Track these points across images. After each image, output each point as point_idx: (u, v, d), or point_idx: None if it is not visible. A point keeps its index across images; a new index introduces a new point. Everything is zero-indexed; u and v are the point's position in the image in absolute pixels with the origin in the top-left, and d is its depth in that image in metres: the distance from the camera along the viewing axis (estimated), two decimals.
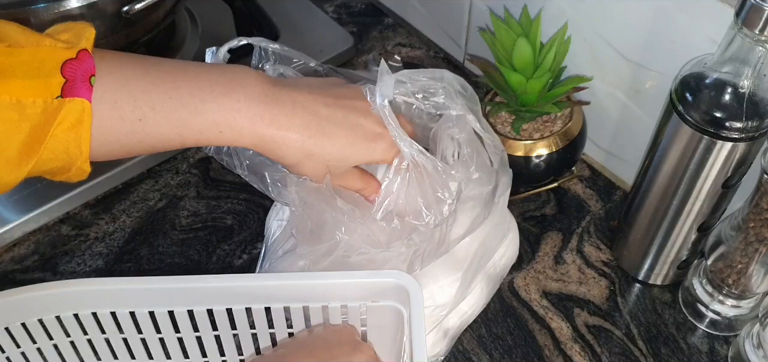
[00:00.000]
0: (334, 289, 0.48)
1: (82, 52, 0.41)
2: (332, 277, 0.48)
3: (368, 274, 0.48)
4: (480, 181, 0.53)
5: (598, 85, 0.71)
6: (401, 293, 0.47)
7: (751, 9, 0.48)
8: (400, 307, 0.48)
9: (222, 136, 0.46)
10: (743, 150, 0.53)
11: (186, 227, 0.72)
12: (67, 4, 0.67)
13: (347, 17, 0.96)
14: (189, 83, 0.45)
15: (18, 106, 0.39)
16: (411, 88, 0.51)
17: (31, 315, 0.48)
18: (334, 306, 0.49)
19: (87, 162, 0.43)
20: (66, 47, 0.41)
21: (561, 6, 0.70)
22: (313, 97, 0.48)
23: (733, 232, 0.58)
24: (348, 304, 0.49)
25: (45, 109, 0.40)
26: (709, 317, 0.63)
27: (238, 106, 0.45)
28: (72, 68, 0.40)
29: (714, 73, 0.53)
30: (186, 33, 0.90)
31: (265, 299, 0.49)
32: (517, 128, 0.69)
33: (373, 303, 0.49)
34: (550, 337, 0.63)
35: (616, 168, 0.75)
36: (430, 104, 0.51)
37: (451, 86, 0.52)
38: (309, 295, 0.49)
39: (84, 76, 0.41)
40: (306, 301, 0.49)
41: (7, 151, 0.40)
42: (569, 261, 0.69)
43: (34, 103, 0.39)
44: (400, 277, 0.47)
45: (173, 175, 0.77)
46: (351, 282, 0.48)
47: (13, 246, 0.71)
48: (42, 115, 0.40)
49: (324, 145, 0.48)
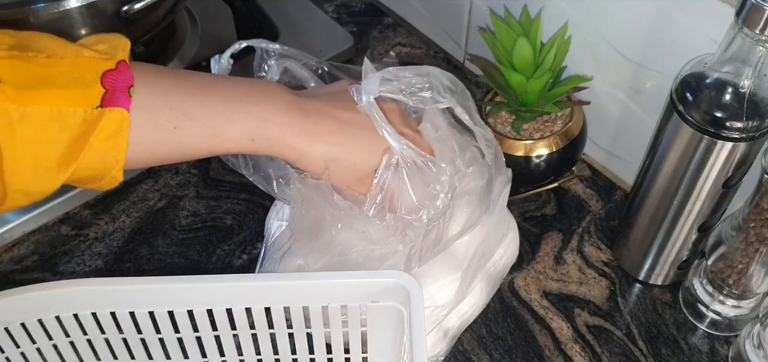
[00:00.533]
0: (334, 289, 0.48)
1: (121, 63, 0.42)
2: (332, 277, 0.48)
3: (368, 274, 0.48)
4: (474, 174, 0.53)
5: (598, 85, 0.71)
6: (401, 293, 0.47)
7: (752, 9, 0.48)
8: (400, 307, 0.48)
9: (253, 145, 0.47)
10: (744, 150, 0.53)
11: (186, 227, 0.72)
12: (67, 4, 0.67)
13: (347, 17, 0.96)
14: (221, 94, 0.46)
15: (58, 116, 0.39)
16: (398, 86, 0.51)
17: (31, 315, 0.48)
18: (334, 306, 0.49)
19: (121, 171, 0.43)
20: (105, 58, 0.41)
21: (561, 6, 0.70)
22: (333, 103, 0.50)
23: (734, 232, 0.58)
24: (348, 304, 0.49)
25: (85, 118, 0.40)
26: (709, 317, 0.63)
27: (269, 115, 0.47)
28: (112, 78, 0.41)
29: (714, 72, 0.53)
30: (186, 33, 0.90)
31: (265, 299, 0.49)
32: (518, 128, 0.69)
33: (373, 303, 0.49)
34: (550, 337, 0.63)
35: (617, 168, 0.75)
36: (418, 100, 0.52)
37: (439, 81, 0.52)
38: (309, 296, 0.49)
39: (123, 87, 0.42)
40: (306, 302, 0.49)
41: (47, 160, 0.40)
42: (569, 261, 0.69)
43: (74, 112, 0.40)
44: (400, 277, 0.47)
45: (173, 174, 0.77)
46: (351, 282, 0.48)
47: (13, 246, 0.71)
48: (82, 125, 0.40)
49: (348, 149, 0.49)
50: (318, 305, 0.49)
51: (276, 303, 0.49)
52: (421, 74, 0.52)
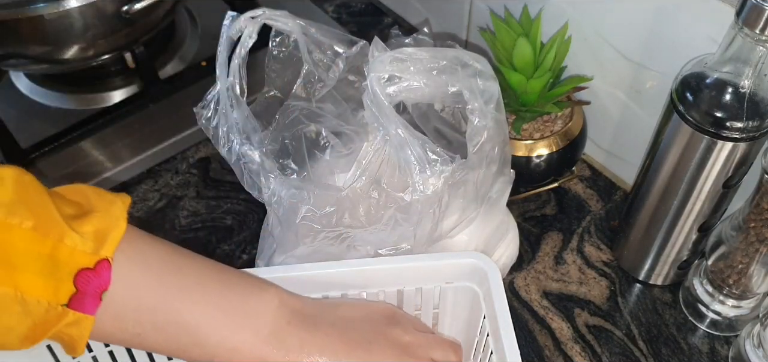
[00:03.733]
0: (409, 273, 0.49)
1: (101, 263, 0.39)
2: (409, 260, 0.50)
3: (445, 256, 0.50)
4: (469, 164, 0.52)
5: (598, 85, 0.71)
6: (478, 273, 0.48)
7: (752, 9, 0.48)
8: (476, 287, 0.49)
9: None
10: (744, 150, 0.53)
11: (186, 227, 0.72)
12: (67, 4, 0.67)
13: (347, 17, 0.96)
14: (197, 310, 0.43)
15: (22, 301, 0.38)
16: (409, 66, 0.49)
17: None
18: (410, 289, 0.50)
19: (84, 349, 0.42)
20: (87, 251, 0.39)
21: (561, 6, 0.70)
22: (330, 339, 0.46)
23: (734, 232, 0.58)
24: (423, 287, 0.50)
25: (48, 310, 0.39)
26: (709, 317, 0.63)
27: (242, 347, 0.44)
28: (85, 280, 0.39)
29: (714, 72, 0.53)
30: (186, 33, 0.90)
31: (344, 285, 0.50)
32: (518, 128, 0.69)
33: (447, 284, 0.50)
34: (550, 337, 0.63)
35: (617, 168, 0.75)
36: (431, 84, 0.50)
37: (458, 61, 0.50)
38: (384, 280, 0.50)
39: (95, 292, 0.40)
40: (382, 286, 0.50)
41: (15, 332, 0.39)
42: (569, 261, 0.69)
43: (38, 302, 0.38)
44: (478, 258, 0.48)
45: (173, 175, 0.77)
46: (428, 265, 0.49)
47: None
48: (45, 315, 0.39)
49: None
50: (393, 289, 0.50)
51: (352, 289, 0.50)
52: (439, 58, 0.50)
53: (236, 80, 0.53)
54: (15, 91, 0.83)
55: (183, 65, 0.86)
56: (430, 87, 0.50)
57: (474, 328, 0.50)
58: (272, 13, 0.53)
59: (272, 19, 0.53)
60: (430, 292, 0.50)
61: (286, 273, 0.48)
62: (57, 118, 0.79)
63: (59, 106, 0.82)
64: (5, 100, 0.82)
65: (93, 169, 0.75)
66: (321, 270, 0.49)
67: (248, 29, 0.53)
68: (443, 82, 0.50)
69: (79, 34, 0.71)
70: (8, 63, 0.78)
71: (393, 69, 0.49)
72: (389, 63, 0.49)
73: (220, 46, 0.53)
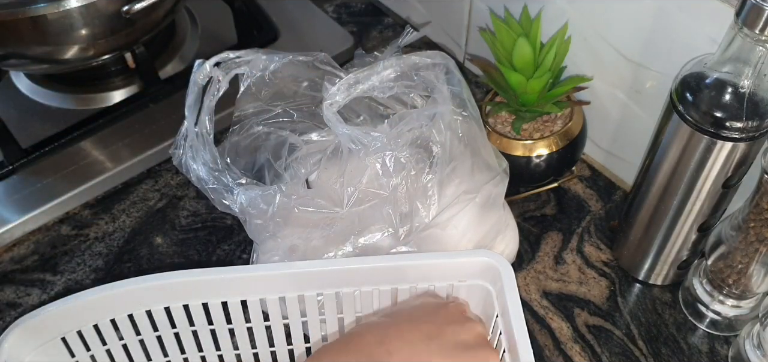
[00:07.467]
0: (423, 271, 0.50)
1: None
2: (422, 259, 0.50)
3: (459, 254, 0.51)
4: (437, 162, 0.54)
5: (598, 85, 0.71)
6: (491, 272, 0.49)
7: (752, 9, 0.48)
8: (488, 286, 0.49)
9: None
10: (743, 150, 0.53)
11: (186, 227, 0.72)
12: (67, 4, 0.67)
13: (347, 17, 0.96)
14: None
15: None
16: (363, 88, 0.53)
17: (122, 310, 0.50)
18: (423, 287, 0.50)
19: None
20: None
21: (561, 6, 0.70)
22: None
23: (734, 232, 0.58)
24: (436, 285, 0.50)
25: None
26: (709, 317, 0.63)
27: None
28: None
29: (714, 72, 0.53)
30: (186, 33, 0.90)
31: (356, 283, 0.50)
32: (518, 128, 0.69)
33: (460, 282, 0.50)
34: (550, 337, 0.63)
35: (617, 168, 0.75)
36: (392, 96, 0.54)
37: (415, 68, 0.55)
38: (398, 277, 0.50)
39: None
40: (395, 283, 0.50)
41: None
42: (569, 261, 0.69)
43: None
44: (491, 256, 0.49)
45: (173, 174, 0.77)
46: (440, 263, 0.50)
47: (13, 246, 0.71)
48: None
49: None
50: (406, 286, 0.50)
51: (366, 286, 0.50)
52: (394, 67, 0.54)
53: (204, 125, 0.55)
54: (15, 91, 0.83)
55: (183, 65, 0.86)
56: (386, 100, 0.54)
57: (488, 325, 0.51)
58: (236, 54, 0.56)
59: (236, 64, 0.56)
60: (444, 290, 0.51)
61: (293, 269, 0.49)
62: (57, 118, 0.79)
63: (59, 106, 0.82)
64: (5, 100, 0.82)
65: (93, 168, 0.75)
66: (333, 267, 0.50)
67: (218, 79, 0.56)
68: (396, 96, 0.54)
69: (79, 34, 0.71)
70: (8, 63, 0.78)
71: (344, 96, 0.52)
72: (339, 93, 0.52)
73: (188, 90, 0.55)
